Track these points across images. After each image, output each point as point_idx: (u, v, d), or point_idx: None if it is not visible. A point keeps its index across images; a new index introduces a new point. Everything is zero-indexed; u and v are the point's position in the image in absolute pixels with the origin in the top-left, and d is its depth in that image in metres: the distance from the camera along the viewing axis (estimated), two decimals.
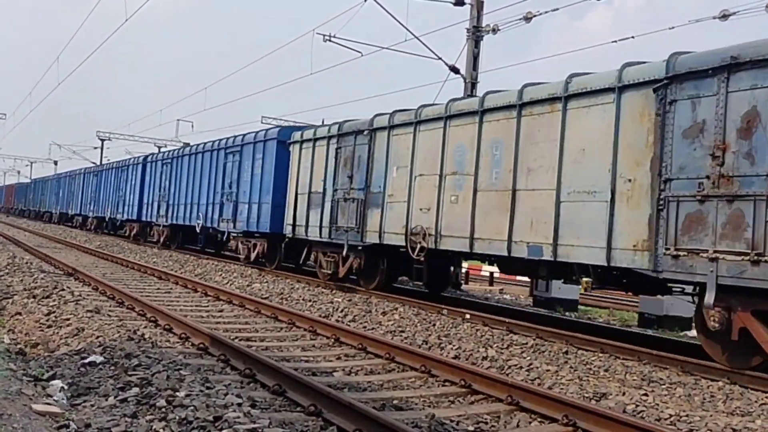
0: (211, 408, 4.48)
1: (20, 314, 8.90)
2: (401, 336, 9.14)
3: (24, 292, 10.38)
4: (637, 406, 6.00)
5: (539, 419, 5.56)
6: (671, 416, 5.76)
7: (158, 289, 13.03)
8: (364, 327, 9.76)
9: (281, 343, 8.35)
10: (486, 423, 5.46)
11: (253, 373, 6.16)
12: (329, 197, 14.58)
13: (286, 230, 16.36)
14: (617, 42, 15.53)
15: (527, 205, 9.90)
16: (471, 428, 5.28)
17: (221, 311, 10.71)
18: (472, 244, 10.83)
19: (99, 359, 6.10)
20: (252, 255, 18.19)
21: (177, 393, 4.83)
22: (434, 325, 9.95)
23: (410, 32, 16.89)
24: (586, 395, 6.37)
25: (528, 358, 7.83)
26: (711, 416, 5.77)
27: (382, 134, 13.20)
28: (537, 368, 7.28)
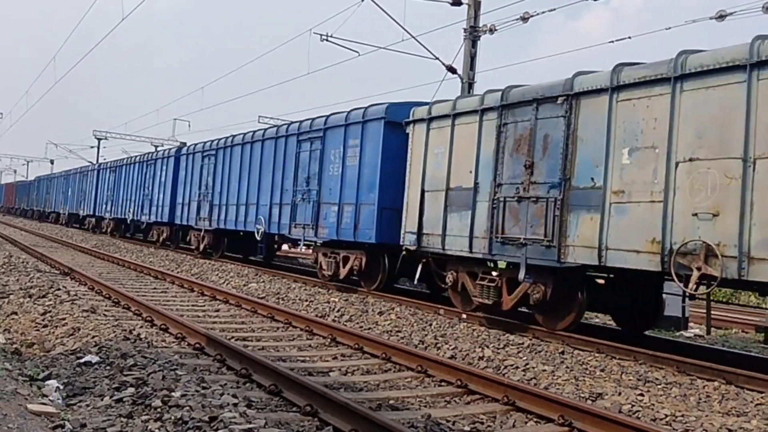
0: (207, 408, 4.48)
1: (16, 314, 8.88)
2: (398, 336, 9.15)
3: (20, 292, 10.36)
4: (633, 406, 6.01)
5: (535, 419, 5.57)
6: (667, 416, 5.77)
7: (154, 289, 13.02)
8: (361, 327, 9.76)
9: (277, 343, 8.35)
10: (482, 423, 5.47)
11: (249, 373, 6.16)
12: (486, 195, 10.55)
13: (406, 240, 12.14)
14: (614, 42, 15.57)
15: None
16: (467, 428, 5.29)
17: (218, 311, 10.70)
18: None
19: (95, 359, 6.10)
20: (342, 272, 13.98)
21: (173, 393, 4.83)
22: (431, 325, 9.96)
23: (407, 32, 16.89)
24: (582, 395, 6.39)
25: (524, 358, 7.84)
26: (707, 416, 5.79)
27: (596, 101, 9.01)
28: (533, 368, 7.29)
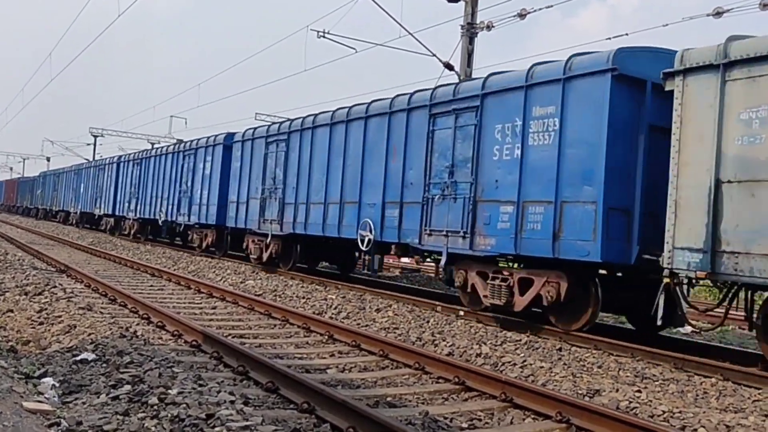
0: (204, 405, 4.46)
1: (12, 311, 8.84)
2: (395, 333, 9.14)
3: (16, 289, 10.32)
4: (631, 403, 6.01)
5: (533, 416, 5.57)
6: (664, 413, 5.77)
7: (151, 286, 12.99)
8: (358, 324, 9.75)
9: (274, 340, 8.33)
10: (480, 420, 5.46)
11: (246, 371, 6.14)
12: None
13: (678, 261, 7.57)
14: (611, 39, 15.58)
15: None
16: (464, 425, 5.28)
17: (214, 308, 10.67)
18: None
19: (91, 357, 6.08)
20: (518, 302, 9.60)
21: (169, 390, 4.80)
22: (428, 322, 9.94)
23: (404, 29, 16.88)
24: (580, 392, 6.38)
25: (522, 355, 7.83)
26: (704, 413, 5.79)
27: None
28: (531, 365, 7.28)
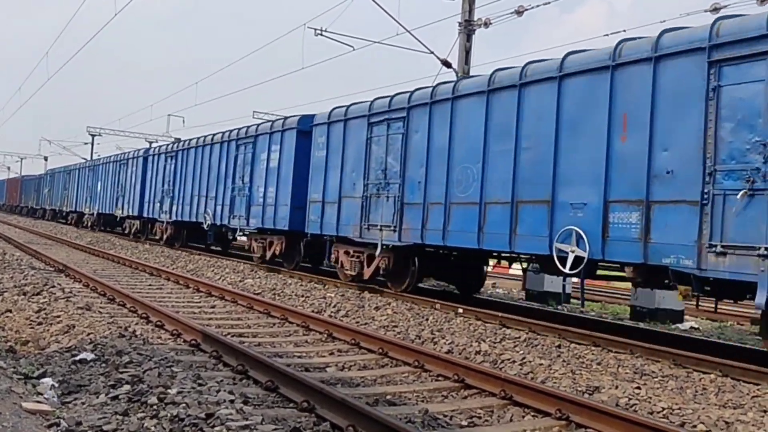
0: (203, 405, 4.45)
1: (10, 311, 8.83)
2: (394, 331, 9.13)
3: (14, 289, 10.30)
4: (630, 400, 6.02)
5: (532, 413, 5.57)
6: (664, 409, 5.77)
7: (150, 285, 12.98)
8: (357, 322, 9.74)
9: (274, 339, 8.33)
10: (479, 417, 5.46)
11: (246, 370, 6.13)
12: None
13: None
14: (609, 35, 15.57)
15: None
16: (464, 423, 5.28)
17: (213, 307, 10.66)
18: None
19: (90, 356, 6.07)
20: None
21: (169, 390, 4.80)
22: (427, 320, 9.95)
23: (402, 26, 16.86)
24: (579, 389, 6.38)
25: (521, 352, 7.84)
26: (703, 409, 5.79)
27: None
28: (530, 362, 7.28)
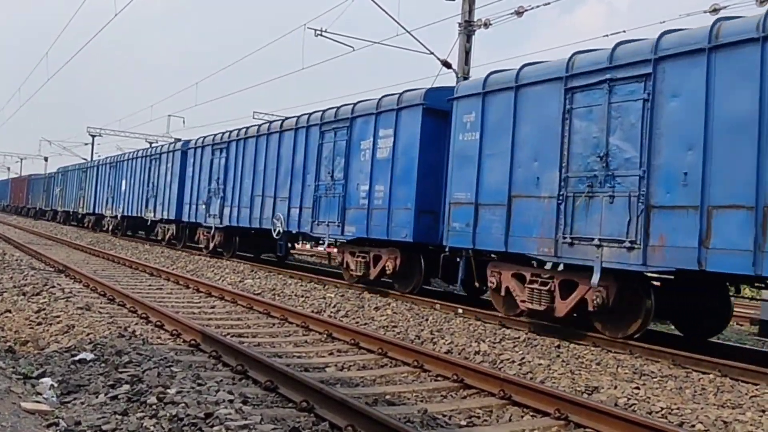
0: (203, 405, 4.46)
1: (10, 312, 8.84)
2: (394, 331, 9.14)
3: (14, 290, 10.31)
4: (629, 400, 6.02)
5: (531, 413, 5.57)
6: (662, 409, 5.78)
7: (150, 286, 12.98)
8: (357, 322, 9.75)
9: (273, 339, 8.33)
10: (478, 417, 5.47)
11: (245, 370, 6.14)
12: None
13: None
14: (609, 36, 15.58)
15: None
16: (463, 423, 5.29)
17: (213, 307, 10.67)
18: None
19: (89, 356, 6.07)
20: None
21: (168, 390, 4.80)
22: (427, 320, 9.95)
23: (402, 27, 16.86)
24: (578, 389, 6.39)
25: (520, 353, 7.84)
26: (702, 409, 5.80)
27: None
28: (529, 362, 7.29)
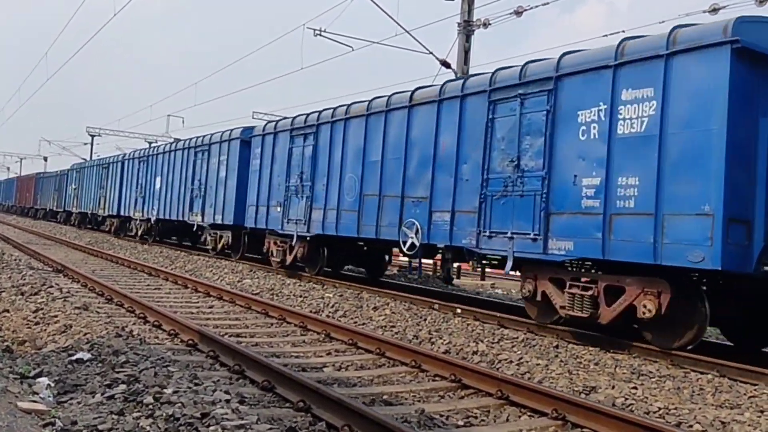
0: (199, 405, 4.45)
1: (7, 311, 8.83)
2: (392, 331, 9.13)
3: (12, 289, 10.30)
4: (627, 400, 6.02)
5: (529, 413, 5.56)
6: (660, 409, 5.78)
7: (148, 286, 12.97)
8: (355, 322, 9.74)
9: (271, 339, 8.32)
10: (476, 417, 5.46)
11: (242, 369, 6.13)
12: None
13: None
14: (608, 36, 15.59)
15: None
16: (461, 423, 5.28)
17: (211, 307, 10.66)
18: None
19: (86, 356, 6.06)
20: None
21: (165, 390, 4.79)
22: (425, 320, 9.95)
23: (401, 26, 16.88)
24: (576, 389, 6.38)
25: (518, 353, 7.84)
26: (700, 409, 5.80)
27: None
28: (527, 362, 7.29)
